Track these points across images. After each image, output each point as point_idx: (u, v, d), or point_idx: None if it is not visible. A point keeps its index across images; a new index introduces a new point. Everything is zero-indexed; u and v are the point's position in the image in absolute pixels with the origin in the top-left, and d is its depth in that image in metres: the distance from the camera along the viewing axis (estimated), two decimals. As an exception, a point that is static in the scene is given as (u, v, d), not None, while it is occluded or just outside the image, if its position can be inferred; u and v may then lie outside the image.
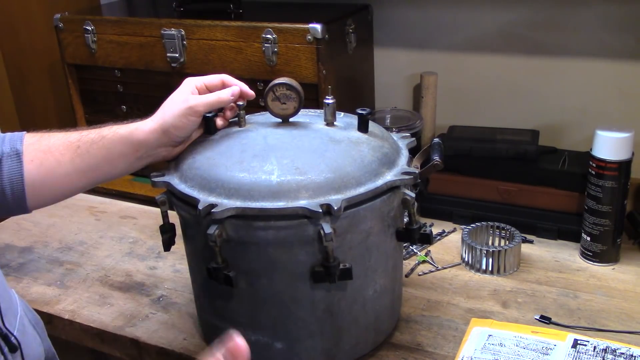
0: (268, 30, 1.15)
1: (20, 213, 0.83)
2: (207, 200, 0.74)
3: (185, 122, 0.81)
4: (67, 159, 0.81)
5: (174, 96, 0.83)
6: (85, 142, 0.81)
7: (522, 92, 1.30)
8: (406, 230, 0.82)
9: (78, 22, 1.33)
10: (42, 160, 0.80)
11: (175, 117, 0.81)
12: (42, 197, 0.82)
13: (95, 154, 0.81)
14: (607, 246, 1.03)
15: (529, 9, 1.24)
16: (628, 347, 0.83)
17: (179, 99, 0.82)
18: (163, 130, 0.81)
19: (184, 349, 0.90)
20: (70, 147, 0.81)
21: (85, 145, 0.81)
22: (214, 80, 0.86)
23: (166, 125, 0.81)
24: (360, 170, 0.76)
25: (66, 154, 0.81)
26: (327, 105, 0.84)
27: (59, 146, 0.81)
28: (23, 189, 0.79)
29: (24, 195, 0.79)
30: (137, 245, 1.20)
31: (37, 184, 0.80)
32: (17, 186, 0.79)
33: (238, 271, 0.77)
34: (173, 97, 0.83)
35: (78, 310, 1.01)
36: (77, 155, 0.81)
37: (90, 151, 0.81)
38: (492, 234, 1.11)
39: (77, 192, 0.85)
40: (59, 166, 0.80)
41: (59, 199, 0.85)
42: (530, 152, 1.13)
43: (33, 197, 0.80)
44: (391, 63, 1.39)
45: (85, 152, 0.81)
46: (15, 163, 0.79)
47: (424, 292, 1.00)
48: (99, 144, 0.81)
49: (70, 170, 0.81)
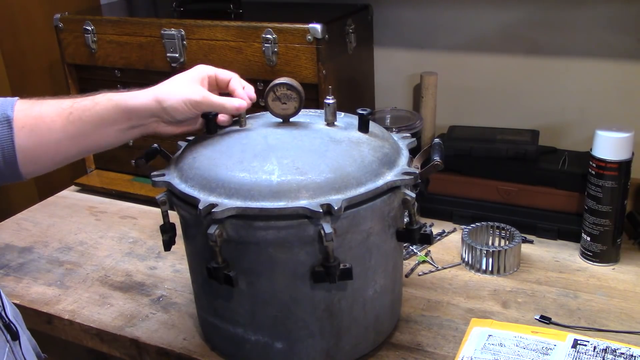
0: (268, 30, 1.15)
1: (15, 180, 0.82)
2: (207, 200, 0.74)
3: (184, 109, 0.82)
4: (59, 126, 0.80)
5: (183, 79, 0.84)
6: (77, 109, 0.80)
7: (522, 92, 1.30)
8: (406, 231, 0.82)
9: (78, 22, 1.33)
10: (33, 126, 0.79)
11: (178, 100, 0.81)
12: (34, 164, 0.81)
13: (88, 120, 0.81)
14: (607, 246, 1.03)
15: (529, 9, 1.24)
16: (628, 347, 0.83)
17: (189, 86, 0.83)
18: (160, 104, 0.81)
19: (184, 349, 0.90)
20: (62, 113, 0.80)
21: (77, 112, 0.80)
22: (225, 77, 0.87)
23: (163, 102, 0.81)
24: (360, 170, 0.76)
25: (58, 121, 0.80)
26: (327, 106, 0.84)
27: (50, 113, 0.80)
28: (15, 155, 0.78)
29: (16, 161, 0.79)
30: (137, 245, 1.20)
31: (29, 151, 0.79)
32: (9, 152, 0.78)
33: (238, 271, 0.77)
34: (182, 78, 0.84)
35: (78, 310, 1.01)
36: (69, 122, 0.80)
37: (83, 117, 0.80)
38: (492, 234, 1.11)
39: (70, 160, 0.85)
40: (51, 133, 0.80)
41: (52, 166, 0.84)
42: (530, 152, 1.13)
43: (25, 163, 0.80)
44: (391, 63, 1.39)
45: (77, 119, 0.80)
46: (5, 129, 0.78)
47: (424, 292, 1.00)
48: (92, 111, 0.81)
49: (61, 137, 0.80)
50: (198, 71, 0.85)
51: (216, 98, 0.84)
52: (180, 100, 0.81)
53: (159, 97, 0.81)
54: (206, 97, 0.83)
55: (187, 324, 0.96)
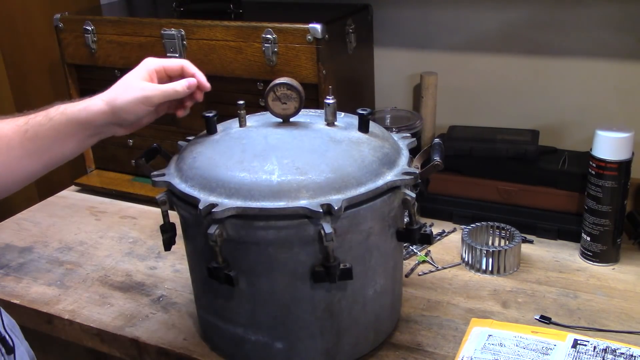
0: (268, 30, 1.15)
1: None
2: (207, 200, 0.74)
3: (137, 109, 0.81)
4: (17, 143, 0.79)
5: (130, 79, 0.83)
6: (33, 125, 0.80)
7: (522, 92, 1.30)
8: (406, 231, 0.82)
9: (78, 22, 1.33)
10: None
11: (128, 102, 0.81)
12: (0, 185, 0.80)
13: (44, 135, 0.80)
14: (607, 246, 1.03)
15: (529, 9, 1.24)
16: (628, 347, 0.83)
17: (135, 84, 0.82)
18: (112, 111, 0.81)
19: (184, 349, 0.90)
20: (18, 131, 0.80)
21: (33, 129, 0.80)
22: (174, 66, 0.85)
23: (116, 108, 0.81)
24: (360, 170, 0.76)
25: (15, 139, 0.79)
26: (327, 105, 0.84)
27: (7, 131, 0.80)
28: None
29: None
30: (137, 245, 1.20)
31: None
32: None
33: (238, 271, 0.77)
34: (128, 79, 0.83)
35: (78, 310, 1.01)
36: (26, 138, 0.79)
37: (39, 134, 0.80)
38: (492, 234, 1.11)
39: (35, 176, 0.84)
40: (10, 150, 0.79)
41: (18, 185, 0.83)
42: (530, 152, 1.13)
43: None
44: (391, 63, 1.39)
45: (34, 136, 0.80)
46: None
47: (424, 292, 1.00)
48: (47, 126, 0.80)
49: (21, 154, 0.80)
50: (144, 66, 0.84)
51: (164, 86, 0.83)
52: (131, 101, 0.81)
53: (110, 102, 0.81)
54: (155, 90, 0.82)
55: (187, 324, 0.96)
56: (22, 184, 0.84)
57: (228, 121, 0.90)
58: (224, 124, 0.89)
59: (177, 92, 0.83)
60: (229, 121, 0.90)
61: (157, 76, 0.84)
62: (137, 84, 0.82)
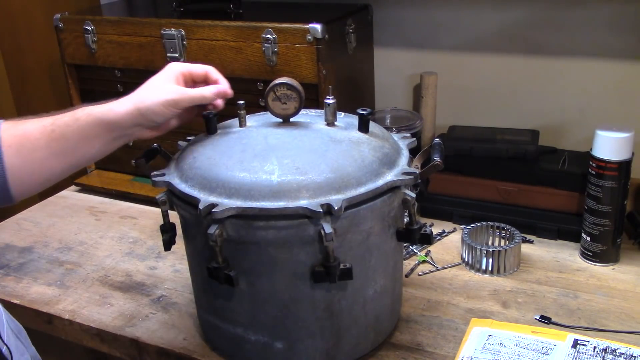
0: (268, 30, 1.15)
1: (6, 202, 0.81)
2: (207, 200, 0.74)
3: (165, 111, 0.82)
4: (43, 144, 0.79)
5: (158, 81, 0.83)
6: (59, 126, 0.80)
7: (522, 92, 1.30)
8: (406, 231, 0.82)
9: (78, 22, 1.33)
10: (18, 145, 0.79)
11: (156, 104, 0.81)
12: (24, 184, 0.81)
13: (70, 137, 0.80)
14: (607, 246, 1.03)
15: (529, 9, 1.24)
16: (628, 347, 0.83)
17: (164, 87, 0.82)
18: (140, 112, 0.81)
19: (184, 349, 0.90)
20: (44, 131, 0.80)
21: (59, 129, 0.80)
22: (199, 71, 0.86)
23: (143, 109, 0.81)
24: (360, 170, 0.76)
25: (42, 139, 0.80)
26: (327, 105, 0.84)
27: (33, 131, 0.80)
28: (4, 175, 0.78)
29: (6, 181, 0.78)
30: (137, 245, 1.20)
31: (17, 170, 0.79)
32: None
33: (238, 271, 0.77)
34: (157, 81, 0.83)
35: (78, 310, 1.01)
36: (52, 139, 0.80)
37: (65, 134, 0.80)
38: (492, 234, 1.11)
39: (59, 177, 0.84)
40: (36, 151, 0.79)
41: (42, 185, 0.84)
42: (530, 152, 1.13)
43: (15, 183, 0.79)
44: (391, 63, 1.39)
45: (60, 136, 0.80)
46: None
47: (424, 292, 1.00)
48: (73, 127, 0.80)
49: (47, 155, 0.80)
50: (172, 70, 0.84)
51: (193, 91, 0.83)
52: (159, 103, 0.81)
53: (137, 105, 0.81)
54: (183, 93, 0.82)
55: (187, 324, 0.96)
56: (45, 184, 0.84)
57: (228, 121, 0.90)
58: (224, 124, 0.89)
59: (205, 98, 0.84)
60: (229, 121, 0.90)
61: (183, 79, 0.85)
62: (166, 86, 0.82)
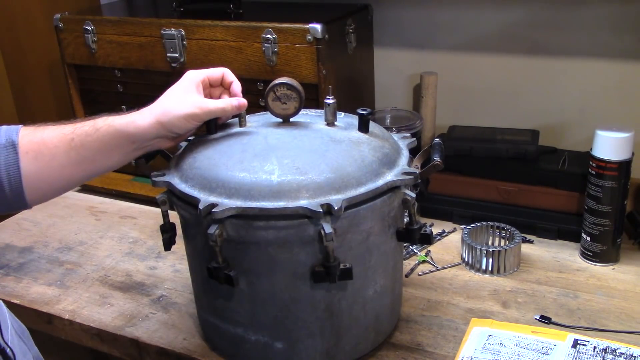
0: (268, 30, 1.15)
1: (21, 208, 0.82)
2: (207, 200, 0.74)
3: (187, 125, 0.81)
4: (62, 152, 0.80)
5: (178, 92, 0.82)
6: (79, 135, 0.80)
7: (522, 92, 1.30)
8: (406, 230, 0.82)
9: (78, 22, 1.33)
10: (37, 152, 0.79)
11: (178, 117, 0.80)
12: (39, 191, 0.81)
13: (90, 146, 0.80)
14: (607, 246, 1.03)
15: (529, 9, 1.24)
16: (628, 347, 0.83)
17: (185, 99, 0.81)
18: (162, 125, 0.81)
19: (184, 349, 0.90)
20: (64, 139, 0.80)
21: (79, 138, 0.80)
22: (217, 74, 0.86)
23: (165, 122, 0.80)
24: (360, 170, 0.76)
25: (60, 147, 0.80)
26: (327, 105, 0.84)
27: (52, 138, 0.80)
28: (20, 181, 0.78)
29: (22, 187, 0.79)
30: (137, 245, 1.20)
31: (34, 176, 0.79)
32: (15, 178, 0.78)
33: (238, 271, 0.77)
34: (177, 93, 0.82)
35: (78, 310, 1.01)
36: (71, 147, 0.80)
37: (85, 144, 0.80)
38: (492, 234, 1.11)
39: (75, 185, 0.85)
40: (54, 158, 0.79)
41: (57, 192, 0.84)
42: (530, 152, 1.13)
43: (31, 190, 0.79)
44: (391, 63, 1.39)
45: (79, 145, 0.80)
46: (11, 154, 0.78)
47: (424, 292, 1.00)
48: (94, 137, 0.80)
49: (65, 163, 0.80)
50: (191, 79, 0.83)
51: (214, 104, 0.83)
52: (180, 117, 0.80)
53: (159, 118, 0.80)
54: (205, 108, 0.81)
55: (187, 324, 0.96)
56: (60, 192, 0.84)
57: (228, 121, 0.90)
58: (224, 123, 0.89)
59: (226, 112, 0.84)
60: (229, 121, 0.90)
61: (203, 87, 0.84)
62: (187, 98, 0.82)
